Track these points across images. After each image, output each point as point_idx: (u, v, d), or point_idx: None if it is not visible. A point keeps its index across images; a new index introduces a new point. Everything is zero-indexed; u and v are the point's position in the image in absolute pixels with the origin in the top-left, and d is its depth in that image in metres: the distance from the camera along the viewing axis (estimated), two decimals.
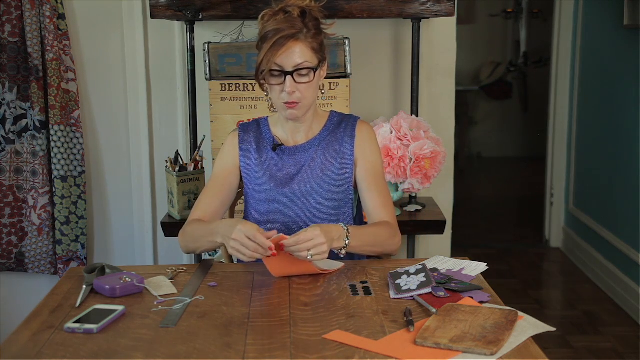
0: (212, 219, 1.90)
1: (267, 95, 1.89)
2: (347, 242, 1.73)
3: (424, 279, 1.59)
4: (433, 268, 1.70)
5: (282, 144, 1.95)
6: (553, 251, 4.43)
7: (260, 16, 1.85)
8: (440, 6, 2.57)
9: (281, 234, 1.65)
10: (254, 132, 1.98)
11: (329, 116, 1.99)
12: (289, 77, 1.80)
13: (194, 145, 2.72)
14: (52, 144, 2.78)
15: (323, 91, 2.03)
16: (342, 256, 1.76)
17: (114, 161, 2.99)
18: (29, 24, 2.72)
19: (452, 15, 2.61)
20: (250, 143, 1.96)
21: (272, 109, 1.95)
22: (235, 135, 1.99)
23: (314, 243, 1.63)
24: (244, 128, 2.00)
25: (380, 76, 2.93)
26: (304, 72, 1.81)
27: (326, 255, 1.66)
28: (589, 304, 3.56)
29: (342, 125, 1.96)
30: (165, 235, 2.63)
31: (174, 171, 2.55)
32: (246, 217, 1.98)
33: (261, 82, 1.86)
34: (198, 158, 2.61)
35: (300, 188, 1.91)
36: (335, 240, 1.70)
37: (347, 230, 1.74)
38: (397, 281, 1.62)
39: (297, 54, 1.79)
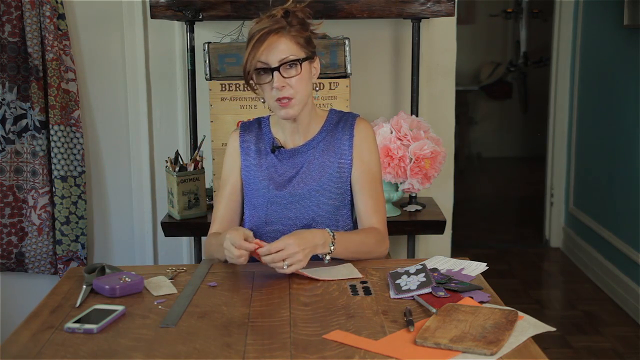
0: (229, 228, 1.88)
1: (263, 102, 1.87)
2: (332, 248, 1.73)
3: (424, 279, 1.59)
4: (433, 268, 1.70)
5: (282, 147, 1.92)
6: (553, 251, 4.43)
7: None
8: (440, 6, 2.57)
9: (261, 241, 1.67)
10: (254, 132, 1.96)
11: (327, 115, 1.95)
12: (276, 73, 1.76)
13: (194, 145, 2.72)
14: (52, 144, 2.78)
15: (317, 89, 1.97)
16: (326, 261, 1.75)
17: (114, 161, 2.99)
18: (29, 24, 2.72)
19: (452, 15, 2.61)
20: (250, 144, 1.95)
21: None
22: (237, 136, 1.97)
23: (287, 253, 1.63)
24: (245, 128, 1.98)
25: (380, 76, 2.93)
26: (290, 65, 1.78)
27: (303, 264, 1.65)
28: (589, 304, 3.56)
29: (340, 125, 1.92)
30: (165, 236, 2.62)
31: (174, 171, 2.55)
32: (245, 218, 1.97)
33: (250, 83, 1.82)
34: (198, 158, 2.61)
35: (298, 190, 1.89)
36: (319, 246, 1.71)
37: (333, 236, 1.74)
38: (397, 281, 1.62)
39: (281, 48, 1.76)
